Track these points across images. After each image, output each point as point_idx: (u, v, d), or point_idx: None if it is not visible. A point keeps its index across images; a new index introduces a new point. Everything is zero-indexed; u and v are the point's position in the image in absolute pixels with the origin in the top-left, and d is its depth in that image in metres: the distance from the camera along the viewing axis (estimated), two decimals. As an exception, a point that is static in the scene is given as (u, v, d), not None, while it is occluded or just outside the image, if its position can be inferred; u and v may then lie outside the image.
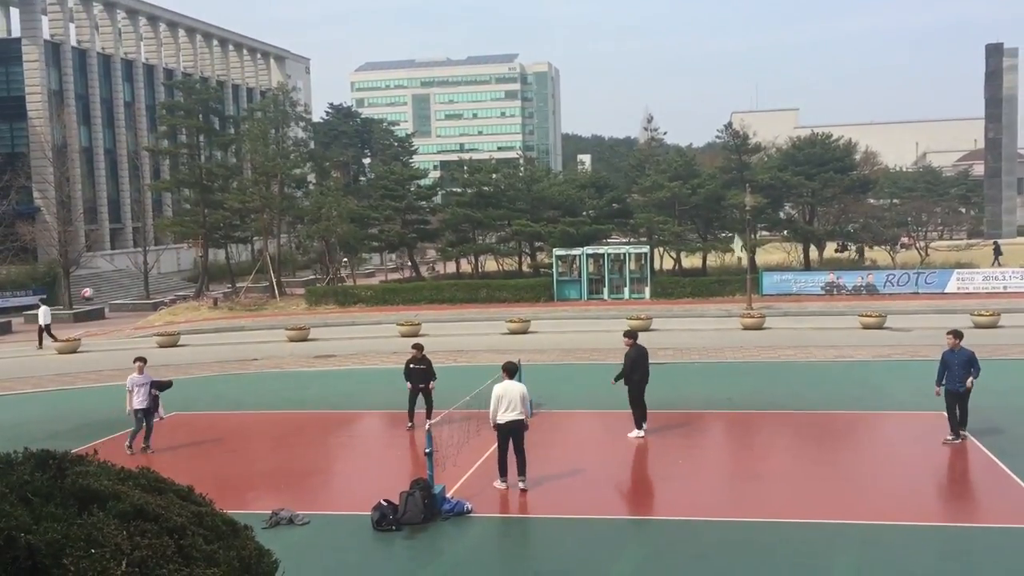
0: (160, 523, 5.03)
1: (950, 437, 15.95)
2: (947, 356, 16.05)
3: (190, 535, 5.08)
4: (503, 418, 13.86)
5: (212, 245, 57.72)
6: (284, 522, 12.96)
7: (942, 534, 11.99)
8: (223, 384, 25.26)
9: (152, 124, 76.29)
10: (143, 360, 17.79)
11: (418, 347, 18.76)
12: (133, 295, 55.68)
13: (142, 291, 54.78)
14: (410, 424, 18.26)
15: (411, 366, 18.26)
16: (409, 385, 18.24)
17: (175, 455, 17.11)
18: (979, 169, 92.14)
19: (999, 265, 48.90)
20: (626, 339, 17.66)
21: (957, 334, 16.20)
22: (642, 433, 17.13)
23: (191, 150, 57.64)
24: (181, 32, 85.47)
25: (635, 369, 17.01)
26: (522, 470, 14.02)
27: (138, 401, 17.09)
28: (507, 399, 13.83)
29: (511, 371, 14.34)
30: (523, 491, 13.92)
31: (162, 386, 17.84)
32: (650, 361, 17.54)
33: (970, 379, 15.64)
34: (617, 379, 17.33)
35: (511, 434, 13.91)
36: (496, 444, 14.23)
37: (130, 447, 17.27)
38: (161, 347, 32.92)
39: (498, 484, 14.01)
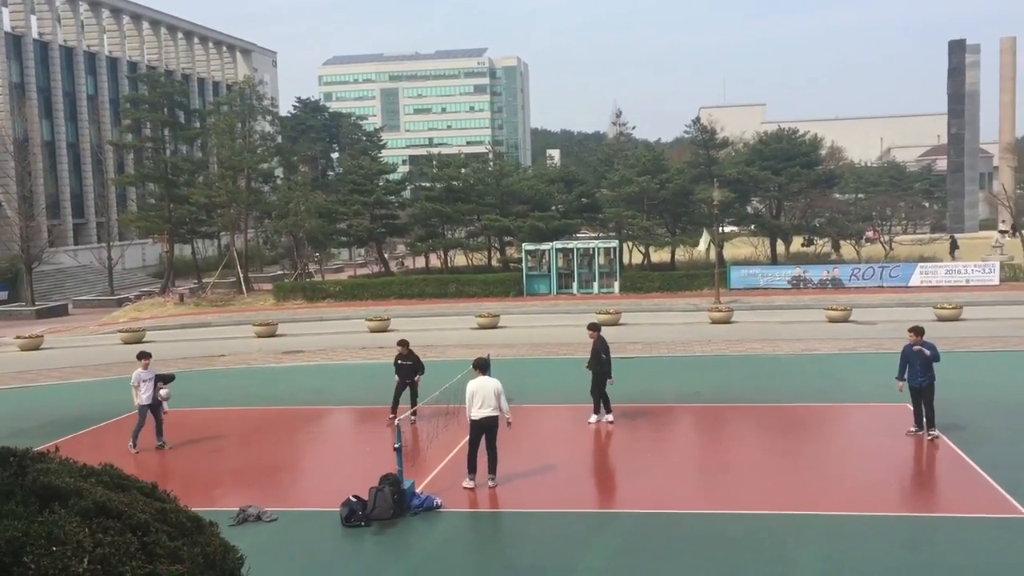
0: (123, 520, 4.96)
1: (913, 428, 16.09)
2: (907, 351, 16.03)
3: (154, 532, 5.01)
4: (477, 414, 13.83)
5: (178, 240, 57.12)
6: (252, 519, 12.85)
7: (906, 524, 12.14)
8: (189, 381, 24.94)
9: (116, 118, 75.26)
10: (148, 355, 17.52)
11: (403, 343, 18.69)
12: (97, 291, 54.99)
13: (106, 287, 54.12)
14: (392, 416, 18.17)
15: (398, 362, 18.29)
16: (397, 378, 18.40)
17: (141, 452, 16.90)
18: (942, 164, 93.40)
19: (955, 259, 49.63)
20: (590, 331, 18.11)
21: (918, 330, 16.11)
22: (601, 419, 17.70)
23: (156, 144, 56.97)
24: (145, 24, 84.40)
25: (596, 359, 17.60)
26: (492, 467, 13.98)
27: (144, 397, 16.94)
28: (480, 395, 13.80)
29: (483, 367, 14.29)
30: (491, 488, 13.90)
31: (166, 379, 17.69)
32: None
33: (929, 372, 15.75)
34: (589, 366, 17.92)
35: (484, 431, 13.87)
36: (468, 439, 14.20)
37: (134, 445, 16.95)
38: (126, 344, 32.51)
39: (466, 483, 13.90)
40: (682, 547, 11.41)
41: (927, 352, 15.72)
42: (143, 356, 17.42)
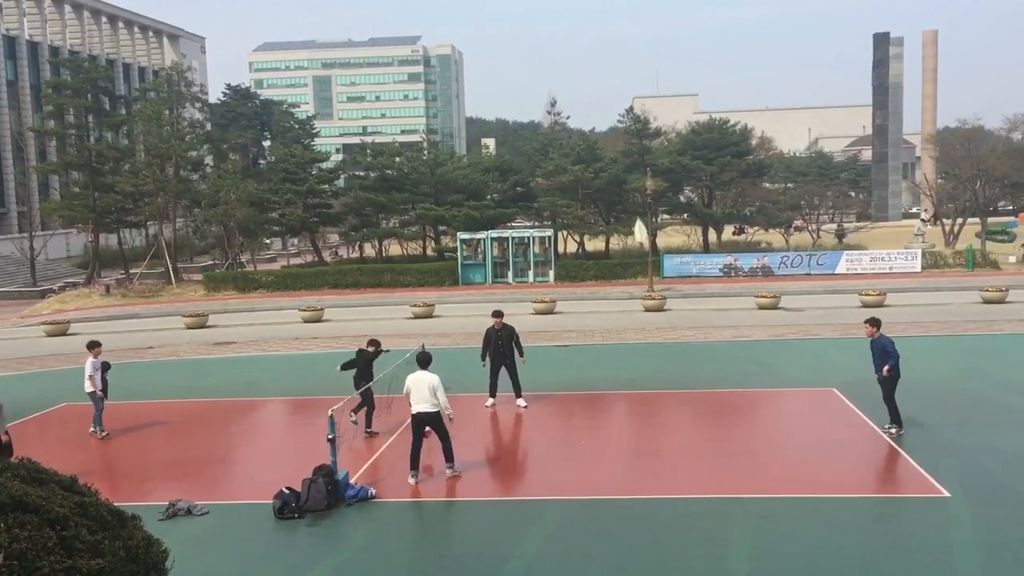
0: (41, 514, 4.81)
1: (889, 427, 15.52)
2: (870, 345, 15.76)
3: (73, 526, 4.87)
4: (413, 409, 13.76)
5: (103, 230, 55.66)
6: (182, 513, 12.62)
7: (831, 505, 12.44)
8: (116, 373, 24.22)
9: (37, 104, 72.91)
10: (98, 344, 17.71)
11: (374, 343, 17.97)
12: (18, 282, 53.33)
13: (28, 278, 52.51)
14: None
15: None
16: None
17: (65, 446, 16.46)
18: (868, 154, 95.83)
19: (843, 241, 51.00)
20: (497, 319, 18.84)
21: (873, 322, 15.78)
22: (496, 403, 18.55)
23: (79, 131, 55.32)
24: (67, 8, 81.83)
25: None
26: (447, 457, 13.86)
27: (97, 384, 17.18)
28: (415, 390, 13.71)
29: (422, 362, 14.17)
30: (454, 477, 13.78)
31: (107, 367, 17.71)
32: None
33: (886, 367, 15.27)
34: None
35: (421, 425, 13.78)
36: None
37: (100, 429, 17.20)
38: (49, 336, 31.62)
39: (410, 479, 13.74)
40: (615, 532, 11.53)
41: (884, 347, 15.41)
42: (94, 345, 17.52)
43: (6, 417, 14.20)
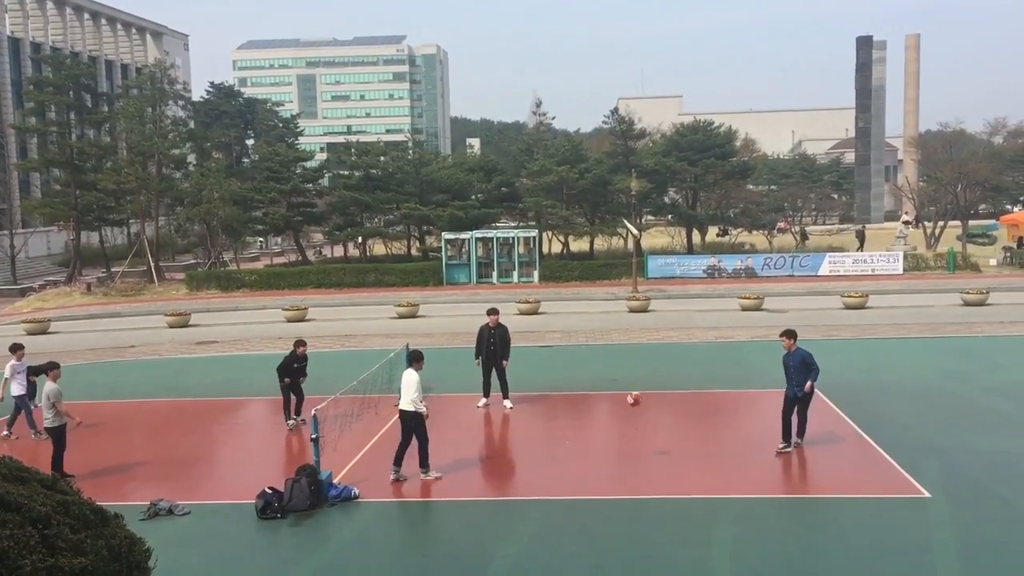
0: (23, 513, 4.78)
1: (782, 445, 14.69)
2: (784, 359, 14.77)
3: (55, 525, 4.84)
4: (399, 405, 13.78)
5: (85, 228, 55.21)
6: (163, 513, 12.55)
7: (813, 506, 12.52)
8: (97, 372, 24.24)
9: (19, 100, 72.30)
10: (21, 347, 17.78)
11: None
12: (-1, 280, 52.81)
13: (8, 276, 52.03)
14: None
15: (295, 366, 17.79)
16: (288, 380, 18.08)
17: (46, 445, 16.31)
18: (850, 157, 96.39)
19: (805, 244, 51.25)
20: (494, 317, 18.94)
21: (789, 334, 14.88)
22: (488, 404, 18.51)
23: (61, 128, 54.86)
24: (50, 4, 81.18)
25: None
26: (421, 461, 13.83)
27: (16, 388, 17.16)
28: (403, 388, 13.73)
29: (407, 360, 14.19)
30: (428, 480, 13.71)
31: (37, 371, 17.40)
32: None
33: (808, 382, 14.45)
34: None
35: (402, 422, 13.76)
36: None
37: (9, 433, 17.20)
38: (30, 334, 31.33)
39: (391, 475, 13.73)
40: (598, 532, 11.55)
41: (804, 359, 14.51)
42: (16, 348, 17.68)
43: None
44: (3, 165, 66.74)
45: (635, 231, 40.61)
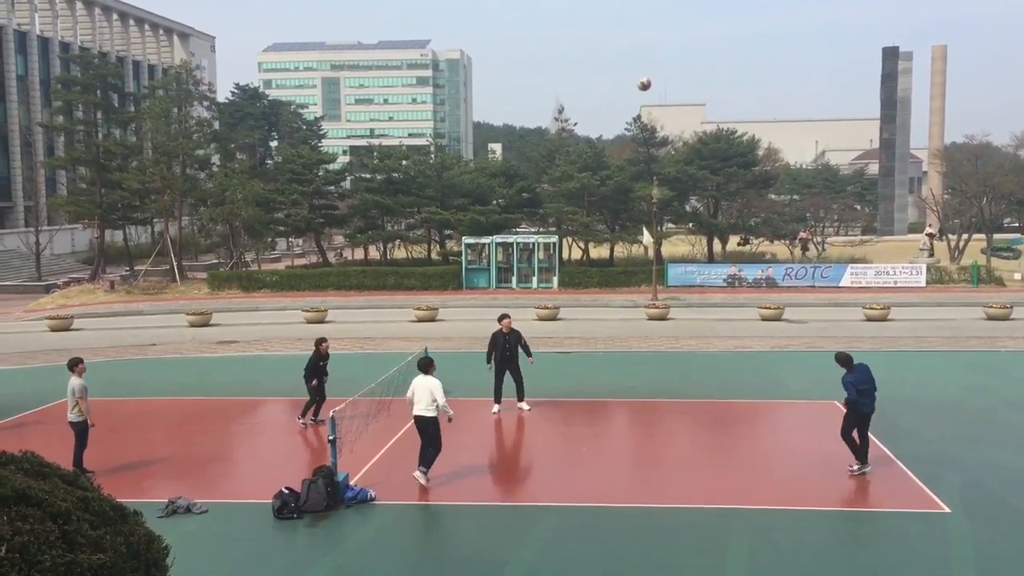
0: (43, 508, 4.83)
1: (856, 467, 14.32)
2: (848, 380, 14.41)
3: (75, 520, 4.89)
4: (414, 411, 13.88)
5: (109, 226, 55.64)
6: (181, 511, 12.64)
7: (831, 518, 12.44)
8: (118, 370, 24.45)
9: (46, 99, 73.05)
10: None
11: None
12: (23, 277, 53.41)
13: (33, 272, 52.60)
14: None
15: (321, 363, 18.18)
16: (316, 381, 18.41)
17: (66, 442, 16.46)
18: (874, 168, 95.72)
19: (806, 255, 50.41)
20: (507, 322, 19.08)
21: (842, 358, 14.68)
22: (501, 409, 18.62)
23: (88, 127, 55.40)
24: (79, 5, 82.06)
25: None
26: (420, 460, 13.90)
27: None
28: (418, 394, 13.83)
29: (423, 367, 14.24)
30: (421, 482, 13.72)
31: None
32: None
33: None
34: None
35: (418, 426, 13.89)
36: None
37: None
38: (53, 331, 31.66)
39: (418, 475, 13.82)
40: (614, 539, 11.53)
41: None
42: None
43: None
44: (30, 162, 67.48)
45: (648, 239, 40.43)
